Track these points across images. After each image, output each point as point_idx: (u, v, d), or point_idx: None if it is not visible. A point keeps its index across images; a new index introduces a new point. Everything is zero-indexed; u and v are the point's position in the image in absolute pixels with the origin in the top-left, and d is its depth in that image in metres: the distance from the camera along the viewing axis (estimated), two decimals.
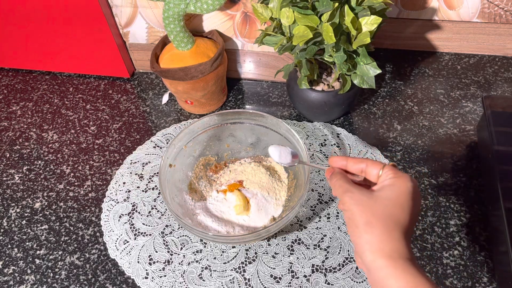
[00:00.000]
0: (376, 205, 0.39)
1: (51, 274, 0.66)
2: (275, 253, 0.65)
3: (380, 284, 0.37)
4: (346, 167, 0.47)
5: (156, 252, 0.66)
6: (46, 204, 0.74)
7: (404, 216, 0.38)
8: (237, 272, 0.64)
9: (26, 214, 0.73)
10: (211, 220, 0.66)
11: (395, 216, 0.38)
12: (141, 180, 0.76)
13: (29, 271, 0.66)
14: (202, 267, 0.64)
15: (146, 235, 0.68)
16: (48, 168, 0.80)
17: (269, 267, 0.64)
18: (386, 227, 0.37)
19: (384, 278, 0.36)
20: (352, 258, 0.64)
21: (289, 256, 0.65)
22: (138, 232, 0.69)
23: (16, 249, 0.69)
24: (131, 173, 0.77)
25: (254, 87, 0.91)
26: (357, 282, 0.61)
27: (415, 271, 0.36)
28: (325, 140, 0.79)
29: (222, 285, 0.62)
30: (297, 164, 0.59)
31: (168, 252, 0.66)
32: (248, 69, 0.90)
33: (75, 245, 0.68)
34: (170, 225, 0.69)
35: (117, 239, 0.68)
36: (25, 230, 0.71)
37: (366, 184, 0.47)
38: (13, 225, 0.72)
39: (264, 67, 0.89)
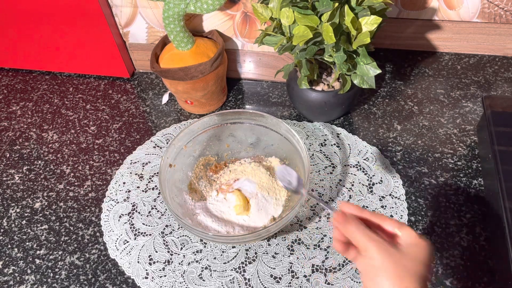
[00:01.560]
0: (404, 259, 0.41)
1: (51, 274, 0.66)
2: (275, 253, 0.65)
3: None
4: (360, 217, 0.46)
5: (156, 252, 0.66)
6: (46, 204, 0.74)
7: (425, 272, 0.41)
8: (237, 272, 0.64)
9: (26, 214, 0.73)
10: (211, 220, 0.66)
11: (420, 271, 0.41)
12: (141, 180, 0.76)
13: (29, 271, 0.66)
14: (202, 267, 0.64)
15: (146, 235, 0.68)
16: (48, 168, 0.80)
17: (269, 267, 0.64)
18: (413, 282, 0.40)
19: None
20: None
21: (289, 256, 0.65)
22: (138, 232, 0.69)
23: (16, 249, 0.69)
24: (131, 173, 0.77)
25: (254, 87, 0.91)
26: (357, 282, 0.61)
27: None
28: (325, 140, 0.79)
29: (222, 285, 0.62)
30: (304, 194, 0.58)
31: (168, 252, 0.66)
32: (248, 69, 0.90)
33: (75, 245, 0.68)
34: (170, 225, 0.69)
35: (117, 239, 0.68)
36: (25, 230, 0.71)
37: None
38: (13, 225, 0.72)
39: (264, 67, 0.89)
